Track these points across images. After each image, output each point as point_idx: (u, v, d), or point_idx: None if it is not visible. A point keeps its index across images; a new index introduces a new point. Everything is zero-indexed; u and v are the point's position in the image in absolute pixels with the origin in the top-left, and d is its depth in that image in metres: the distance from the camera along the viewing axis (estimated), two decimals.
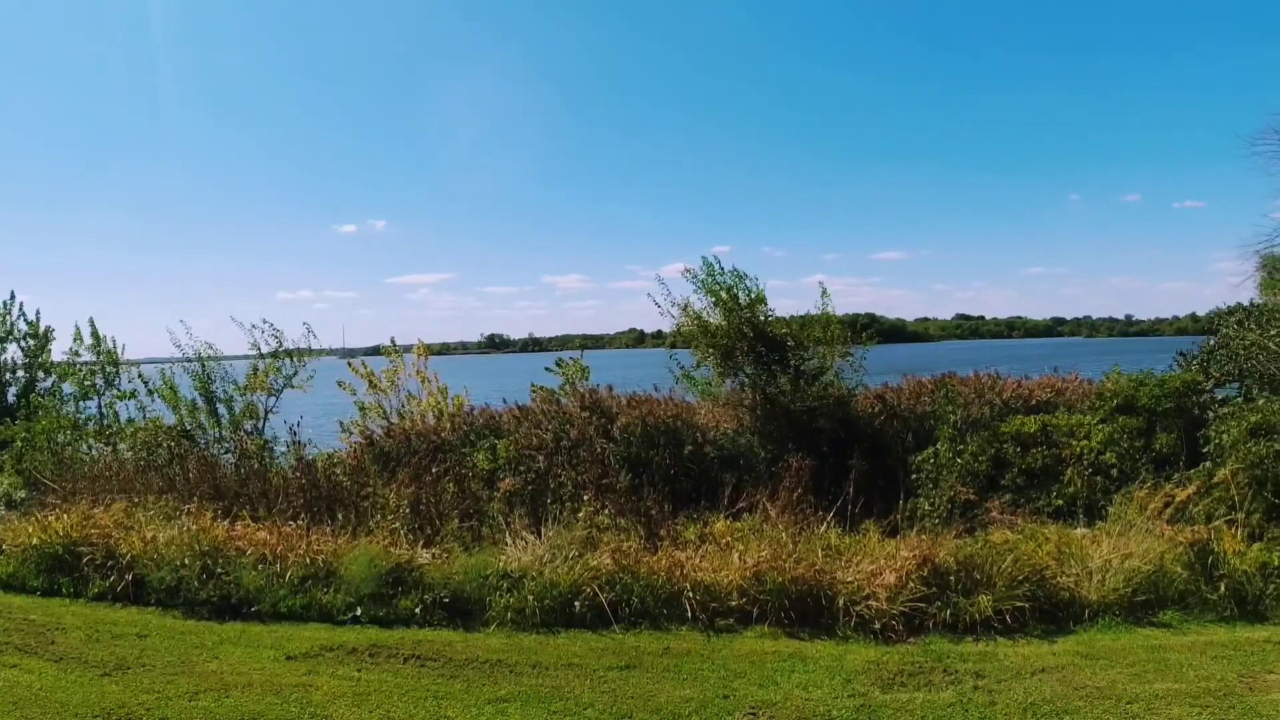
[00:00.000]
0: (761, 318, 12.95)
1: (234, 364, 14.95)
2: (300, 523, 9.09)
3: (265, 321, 14.86)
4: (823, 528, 8.62)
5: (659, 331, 16.83)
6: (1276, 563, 7.69)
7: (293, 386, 14.71)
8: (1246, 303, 15.15)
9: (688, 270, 13.24)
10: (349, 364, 15.26)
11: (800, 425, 12.10)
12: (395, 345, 15.46)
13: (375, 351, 16.37)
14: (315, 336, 15.05)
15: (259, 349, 14.86)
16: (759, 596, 7.37)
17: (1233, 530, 8.50)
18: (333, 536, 8.80)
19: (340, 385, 15.15)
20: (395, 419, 14.26)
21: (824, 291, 13.40)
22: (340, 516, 9.41)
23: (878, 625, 6.99)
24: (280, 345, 14.80)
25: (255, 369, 14.65)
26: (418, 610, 7.53)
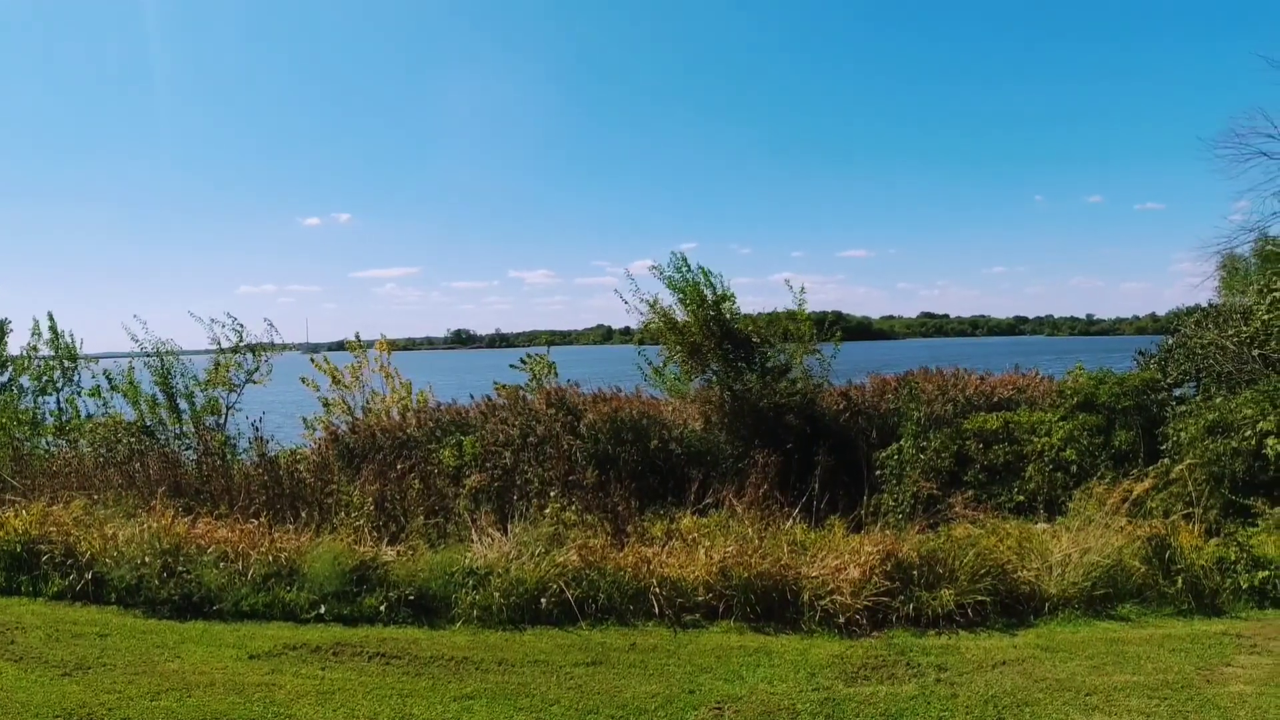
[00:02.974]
0: (728, 315, 13.02)
1: (194, 359, 14.75)
2: (263, 520, 8.98)
3: (228, 315, 14.69)
4: (788, 523, 8.67)
5: (627, 328, 16.89)
6: (1233, 557, 7.86)
7: (254, 382, 14.54)
8: (1205, 303, 15.49)
9: (655, 267, 13.30)
10: (311, 359, 15.10)
11: (767, 422, 12.17)
12: (359, 340, 15.32)
13: (340, 346, 16.25)
14: (277, 331, 14.90)
15: (219, 344, 14.66)
16: (725, 592, 7.40)
17: (1190, 525, 8.68)
18: (296, 534, 8.71)
19: (303, 381, 15.00)
20: (360, 415, 14.14)
21: (800, 289, 13.50)
22: (304, 514, 9.31)
23: (842, 619, 7.05)
24: (241, 340, 14.62)
25: (216, 364, 14.46)
26: (382, 608, 7.48)
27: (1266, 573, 7.72)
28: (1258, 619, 7.29)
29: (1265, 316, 11.17)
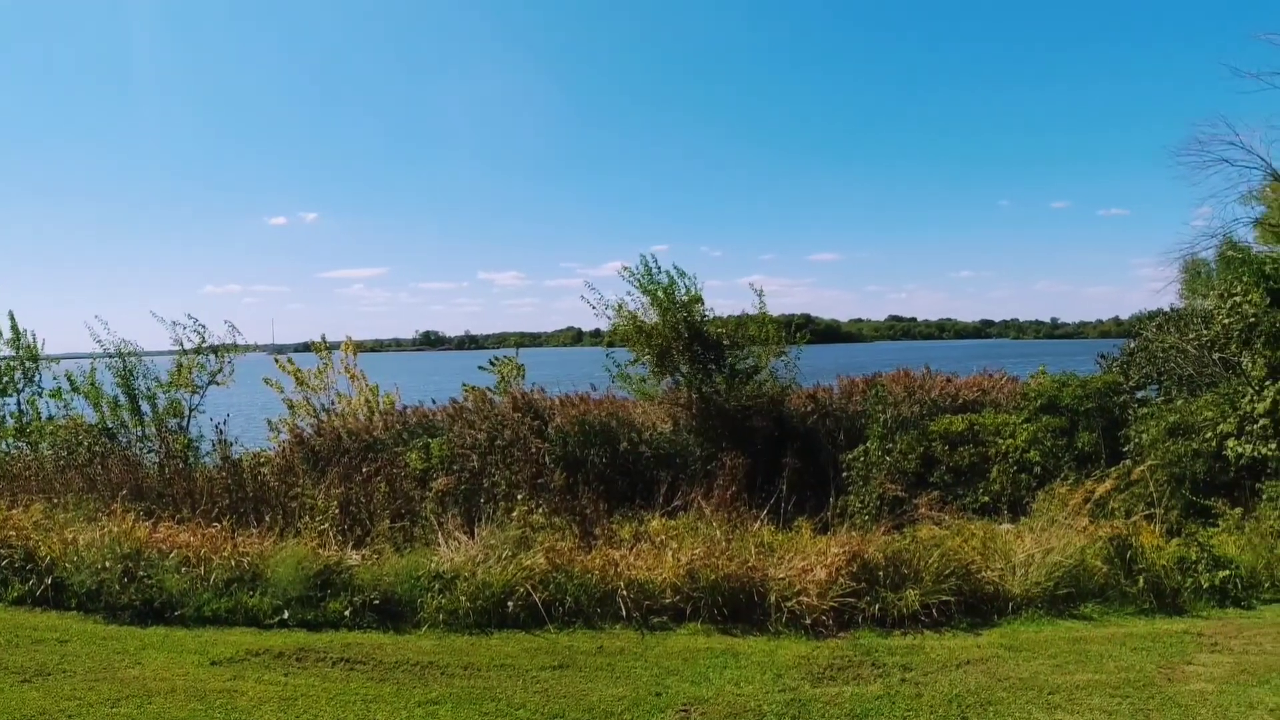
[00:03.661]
0: (698, 317, 13.03)
1: (156, 360, 14.54)
2: (226, 524, 8.87)
3: (189, 316, 14.49)
4: (756, 525, 8.70)
5: (597, 330, 16.86)
6: (1194, 557, 7.99)
7: (216, 383, 14.35)
8: (1167, 307, 15.79)
9: (626, 268, 13.26)
10: (275, 360, 14.94)
11: (735, 424, 12.21)
12: (325, 342, 15.17)
13: (306, 348, 16.07)
14: (240, 333, 14.72)
15: (182, 345, 14.46)
16: (693, 594, 7.40)
17: (1152, 526, 8.82)
18: (259, 538, 8.60)
19: (266, 383, 14.83)
20: (325, 417, 14.00)
21: (760, 292, 13.56)
22: (268, 517, 9.20)
23: (809, 620, 7.08)
24: (203, 341, 14.42)
25: (179, 365, 14.26)
26: (347, 613, 7.39)
27: (1227, 572, 7.86)
28: (1218, 618, 7.42)
29: (1225, 321, 11.37)
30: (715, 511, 8.79)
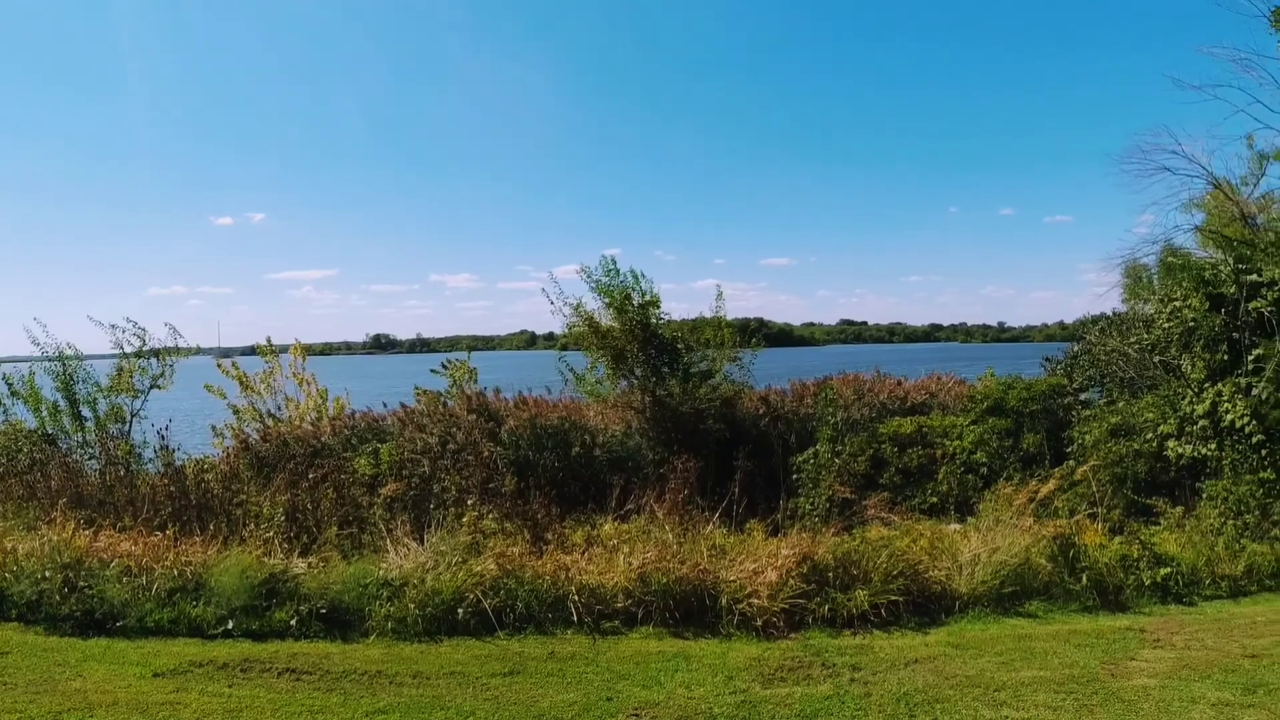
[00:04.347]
0: (654, 320, 13.03)
1: (96, 364, 14.17)
2: (169, 532, 8.68)
3: (128, 320, 14.16)
4: (709, 528, 8.72)
5: (551, 333, 16.82)
6: (1136, 555, 8.18)
7: (158, 387, 14.02)
8: (1110, 312, 16.17)
9: (583, 269, 13.20)
10: (219, 365, 14.64)
11: (688, 427, 12.24)
12: (271, 345, 14.89)
13: (253, 351, 15.78)
14: (181, 336, 14.41)
15: (122, 349, 14.12)
16: (645, 598, 7.40)
17: (1095, 525, 9.02)
18: (203, 546, 8.42)
19: (208, 389, 14.52)
20: (271, 422, 13.75)
21: (718, 294, 13.62)
22: (211, 525, 9.03)
23: (760, 622, 7.11)
24: (144, 344, 14.09)
25: (120, 369, 13.91)
26: (293, 622, 7.26)
27: (1168, 570, 8.06)
28: (1160, 614, 7.61)
29: (1166, 325, 11.67)
30: (668, 515, 8.80)
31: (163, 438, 11.37)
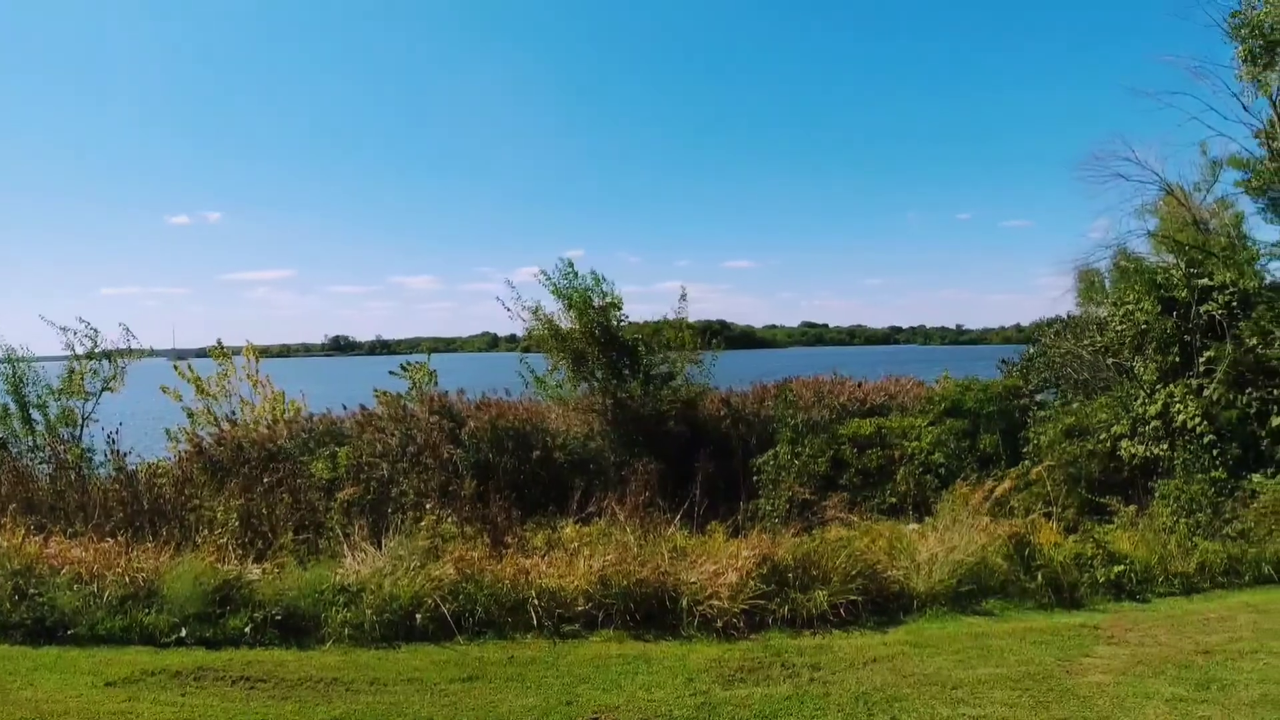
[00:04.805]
0: (614, 322, 13.01)
1: (47, 366, 13.87)
2: (120, 538, 8.51)
3: (80, 320, 13.87)
4: (669, 530, 8.71)
5: (513, 335, 16.71)
6: (1090, 553, 8.32)
7: (109, 389, 13.75)
8: (1064, 314, 16.43)
9: (542, 273, 13.16)
10: (174, 367, 14.38)
11: (650, 429, 12.23)
12: (223, 347, 14.64)
13: (206, 353, 15.50)
14: (134, 337, 14.15)
15: (74, 350, 13.83)
16: (605, 601, 7.37)
17: (1050, 523, 9.15)
18: (155, 553, 8.25)
19: (163, 390, 14.25)
20: (227, 426, 13.52)
21: (681, 295, 13.65)
22: (164, 531, 8.86)
23: (720, 624, 7.12)
24: (96, 346, 13.80)
25: (71, 371, 13.62)
26: (248, 629, 7.14)
27: (1122, 567, 8.20)
28: (1114, 611, 7.74)
29: (1119, 328, 11.90)
30: (629, 517, 8.77)
31: (112, 441, 11.13)
